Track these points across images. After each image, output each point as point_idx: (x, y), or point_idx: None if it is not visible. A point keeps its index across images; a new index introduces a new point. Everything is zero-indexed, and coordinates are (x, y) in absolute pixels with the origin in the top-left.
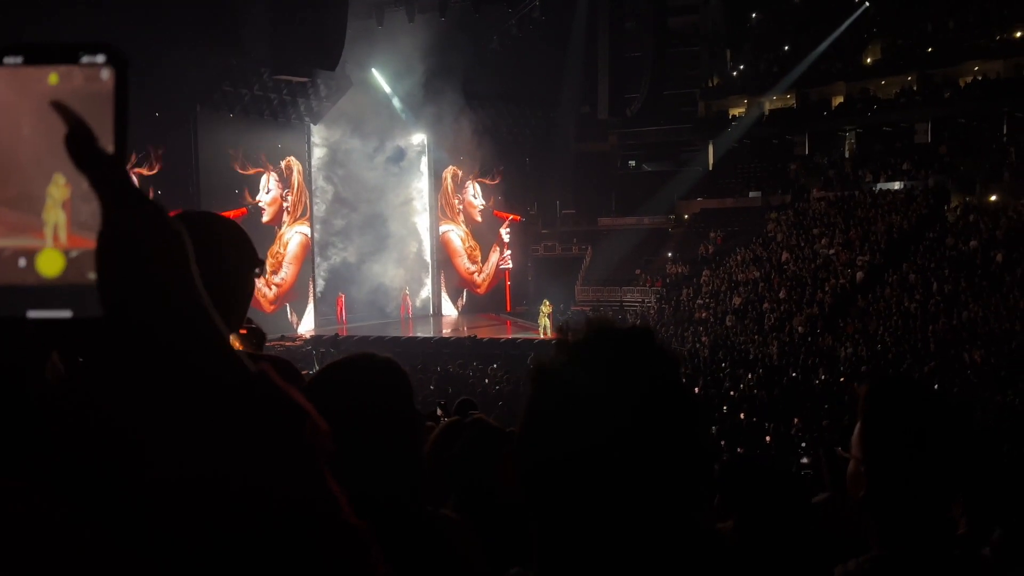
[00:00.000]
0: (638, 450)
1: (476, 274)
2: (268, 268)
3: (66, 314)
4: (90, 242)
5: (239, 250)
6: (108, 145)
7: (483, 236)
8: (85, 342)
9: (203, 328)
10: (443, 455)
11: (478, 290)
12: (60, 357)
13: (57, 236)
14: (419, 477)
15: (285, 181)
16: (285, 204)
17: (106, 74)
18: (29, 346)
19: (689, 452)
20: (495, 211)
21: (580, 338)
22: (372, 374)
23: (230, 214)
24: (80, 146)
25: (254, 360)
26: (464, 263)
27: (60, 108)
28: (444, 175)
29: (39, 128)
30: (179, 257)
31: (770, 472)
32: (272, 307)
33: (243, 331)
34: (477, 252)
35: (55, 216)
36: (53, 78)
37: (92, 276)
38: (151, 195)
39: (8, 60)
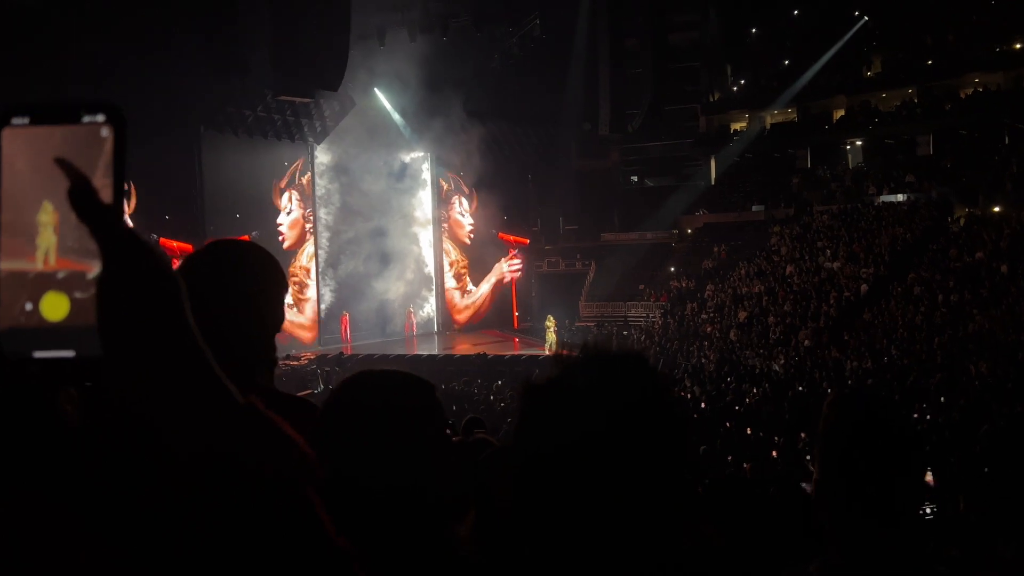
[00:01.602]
0: (619, 462)
1: (459, 295)
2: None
3: (69, 354)
4: (76, 265)
5: (267, 276)
6: (107, 197)
7: (476, 261)
8: (88, 379)
9: (195, 367)
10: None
11: (458, 317)
12: (75, 392)
13: (47, 259)
14: (447, 498)
15: (308, 200)
16: (308, 225)
17: (106, 131)
18: (37, 383)
19: (670, 467)
20: (500, 234)
21: (574, 358)
22: (404, 396)
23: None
24: (82, 200)
25: (277, 402)
26: (449, 281)
27: (63, 164)
28: (442, 183)
29: (31, 162)
30: (173, 301)
31: (750, 492)
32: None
33: None
34: (465, 269)
35: (47, 241)
36: (57, 137)
37: (93, 319)
38: (155, 230)
39: (16, 121)
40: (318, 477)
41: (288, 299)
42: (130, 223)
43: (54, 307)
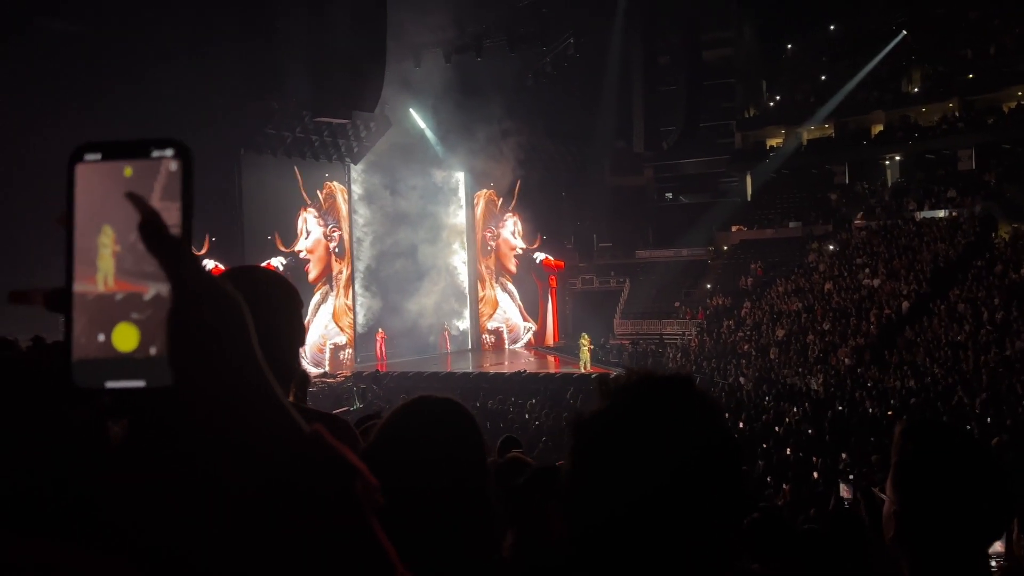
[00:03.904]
0: (680, 500)
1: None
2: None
3: (140, 384)
4: (133, 286)
5: (279, 296)
6: (176, 229)
7: (523, 292)
8: (158, 409)
9: (262, 395)
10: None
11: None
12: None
13: (107, 281)
14: (490, 529)
15: (327, 216)
16: (332, 245)
17: (174, 166)
18: (102, 413)
19: (727, 500)
20: (544, 260)
21: (621, 387)
22: (440, 429)
23: (268, 268)
24: (152, 233)
25: (310, 419)
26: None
27: (134, 199)
28: (476, 198)
29: (98, 192)
30: (240, 331)
31: (790, 530)
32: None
33: None
34: (487, 305)
35: (107, 264)
36: (127, 171)
37: (163, 350)
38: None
39: (89, 157)
40: (380, 504)
41: (329, 318)
42: (197, 256)
43: (125, 338)
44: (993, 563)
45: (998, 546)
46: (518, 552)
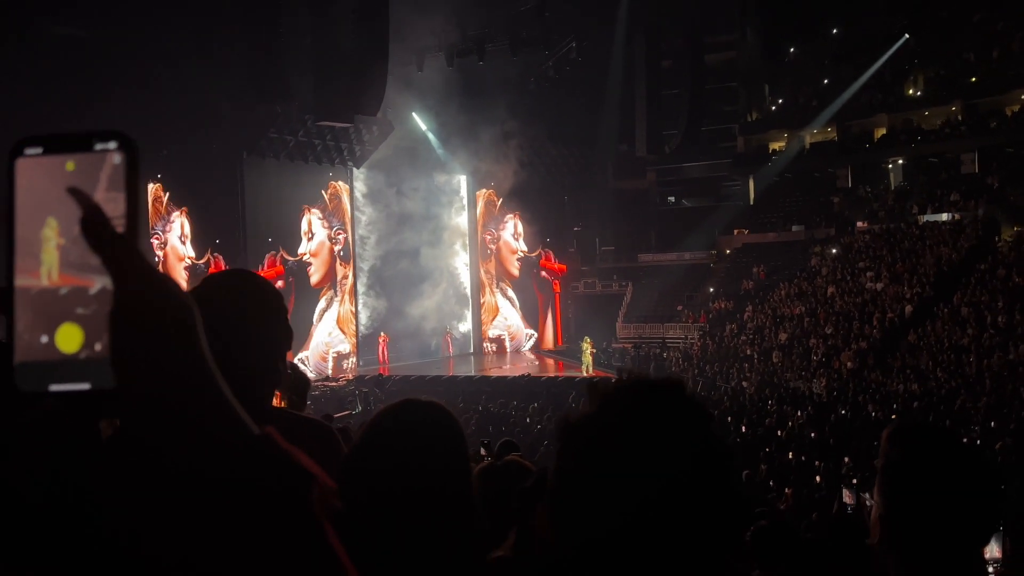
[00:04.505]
0: (670, 507)
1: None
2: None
3: (85, 387)
4: (78, 280)
5: (259, 300)
6: (120, 225)
7: (524, 297)
8: (103, 412)
9: (208, 397)
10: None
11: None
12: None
13: (51, 275)
14: (473, 533)
15: (331, 216)
16: (337, 248)
17: (118, 159)
18: (53, 417)
19: (720, 505)
20: (543, 262)
21: (611, 391)
22: (420, 434)
23: (269, 274)
24: (94, 229)
25: (292, 424)
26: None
27: (75, 193)
28: (477, 197)
29: (41, 185)
30: (185, 330)
31: (794, 539)
32: None
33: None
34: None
35: (51, 258)
36: (70, 165)
37: (107, 349)
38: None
39: (29, 151)
40: (337, 509)
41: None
42: (141, 252)
43: (69, 338)
44: (991, 568)
45: (996, 551)
46: (517, 553)
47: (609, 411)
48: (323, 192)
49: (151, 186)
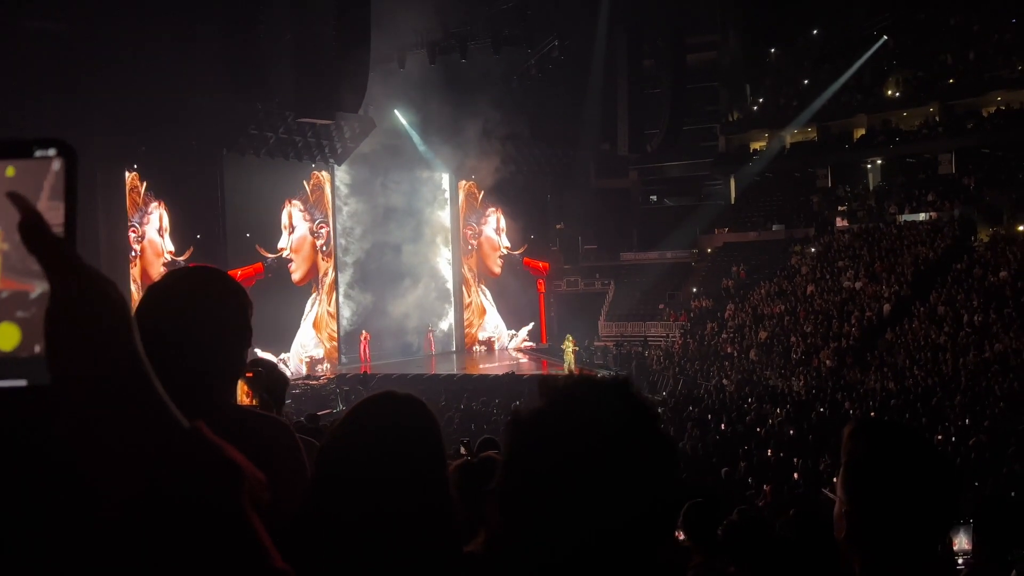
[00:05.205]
0: (610, 499)
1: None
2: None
3: (21, 383)
4: (19, 284)
5: (219, 295)
6: (58, 229)
7: (507, 298)
8: (40, 409)
9: (137, 394)
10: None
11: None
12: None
13: None
14: (448, 526)
15: (312, 209)
16: (320, 242)
17: (57, 165)
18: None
19: (661, 498)
20: (525, 259)
21: (558, 387)
22: (395, 424)
23: (248, 270)
24: (32, 233)
25: (248, 420)
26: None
27: (15, 198)
28: (458, 187)
29: None
30: (120, 328)
31: (767, 533)
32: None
33: (249, 375)
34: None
35: None
36: (10, 171)
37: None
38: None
39: None
40: (265, 501)
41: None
42: (79, 256)
43: (7, 337)
44: (960, 560)
45: (965, 544)
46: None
47: (557, 406)
48: (305, 183)
49: (127, 175)
